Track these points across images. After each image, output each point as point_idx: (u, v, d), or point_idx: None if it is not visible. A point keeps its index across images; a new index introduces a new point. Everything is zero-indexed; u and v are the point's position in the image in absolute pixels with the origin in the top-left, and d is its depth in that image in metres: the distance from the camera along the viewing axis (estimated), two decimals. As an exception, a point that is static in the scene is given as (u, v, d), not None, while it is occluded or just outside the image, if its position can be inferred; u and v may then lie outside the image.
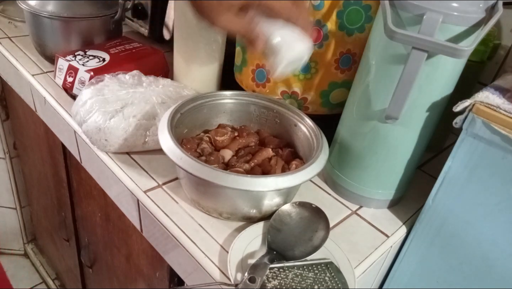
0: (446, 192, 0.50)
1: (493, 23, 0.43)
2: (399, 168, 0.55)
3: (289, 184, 0.47)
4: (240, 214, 0.52)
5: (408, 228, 0.57)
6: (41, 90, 0.75)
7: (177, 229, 0.51)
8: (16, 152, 1.26)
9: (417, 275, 0.58)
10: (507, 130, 0.43)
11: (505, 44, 0.72)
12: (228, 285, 0.44)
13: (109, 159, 0.60)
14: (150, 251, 0.68)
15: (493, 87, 0.48)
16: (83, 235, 1.02)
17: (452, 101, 0.48)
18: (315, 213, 0.52)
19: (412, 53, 0.44)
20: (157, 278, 0.71)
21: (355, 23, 0.58)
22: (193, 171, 0.46)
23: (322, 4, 0.57)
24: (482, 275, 0.51)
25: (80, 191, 0.90)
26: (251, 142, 0.61)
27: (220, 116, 0.63)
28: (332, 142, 0.60)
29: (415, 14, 0.44)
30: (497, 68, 0.74)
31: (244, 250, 0.48)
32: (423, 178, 0.67)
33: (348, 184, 0.58)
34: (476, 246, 0.50)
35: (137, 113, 0.60)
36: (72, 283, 1.30)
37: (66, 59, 0.71)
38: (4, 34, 0.91)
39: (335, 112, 0.64)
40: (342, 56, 0.60)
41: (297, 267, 0.46)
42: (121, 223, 0.75)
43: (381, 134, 0.52)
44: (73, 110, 0.64)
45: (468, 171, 0.47)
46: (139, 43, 0.80)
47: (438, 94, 0.49)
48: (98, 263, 1.00)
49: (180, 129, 0.57)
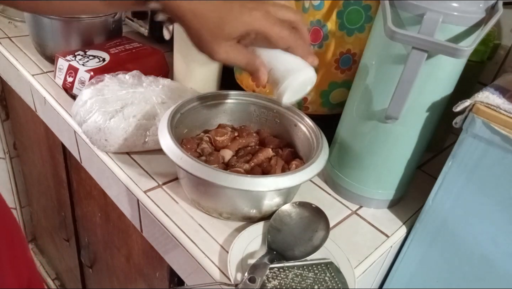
0: (446, 192, 0.50)
1: (493, 23, 0.43)
2: (399, 168, 0.55)
3: (289, 184, 0.47)
4: (240, 214, 0.52)
5: (408, 228, 0.57)
6: (41, 90, 0.75)
7: (177, 229, 0.51)
8: (16, 152, 1.26)
9: (417, 275, 0.58)
10: (507, 130, 0.43)
11: (505, 44, 0.72)
12: (228, 285, 0.44)
13: (109, 159, 0.60)
14: (150, 251, 0.68)
15: (493, 87, 0.48)
16: (83, 235, 1.02)
17: (452, 101, 0.48)
18: (315, 213, 0.52)
19: (412, 53, 0.44)
20: (157, 278, 0.71)
21: (355, 23, 0.58)
22: (193, 171, 0.46)
23: (322, 4, 0.57)
24: (482, 275, 0.51)
25: (80, 191, 0.90)
26: (251, 142, 0.61)
27: (220, 116, 0.63)
28: (332, 143, 0.60)
29: (415, 14, 0.44)
30: (497, 68, 0.74)
31: (244, 250, 0.48)
32: (423, 178, 0.67)
33: (348, 184, 0.58)
34: (476, 246, 0.50)
35: (137, 113, 0.60)
36: (72, 283, 1.30)
37: (66, 59, 0.71)
38: (4, 34, 0.91)
39: (335, 112, 0.64)
40: (342, 56, 0.60)
41: (297, 267, 0.46)
42: (121, 223, 0.75)
43: (381, 135, 0.52)
44: (73, 110, 0.64)
45: (468, 171, 0.47)
46: (139, 43, 0.80)
47: (438, 94, 0.49)
48: (98, 263, 1.00)
49: (180, 129, 0.57)
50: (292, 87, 0.44)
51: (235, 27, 0.41)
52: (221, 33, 0.41)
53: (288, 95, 0.44)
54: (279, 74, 0.44)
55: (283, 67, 0.44)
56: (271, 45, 0.43)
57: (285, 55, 0.44)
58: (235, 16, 0.41)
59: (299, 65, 0.44)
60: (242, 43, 0.43)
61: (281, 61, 0.44)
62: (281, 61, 0.44)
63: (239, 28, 0.41)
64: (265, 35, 0.42)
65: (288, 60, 0.44)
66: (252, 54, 0.44)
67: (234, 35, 0.41)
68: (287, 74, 0.43)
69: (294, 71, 0.44)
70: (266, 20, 0.41)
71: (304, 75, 0.44)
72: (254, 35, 0.42)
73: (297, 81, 0.44)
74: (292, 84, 0.44)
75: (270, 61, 0.44)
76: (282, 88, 0.44)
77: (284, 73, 0.44)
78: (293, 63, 0.44)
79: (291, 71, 0.44)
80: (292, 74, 0.43)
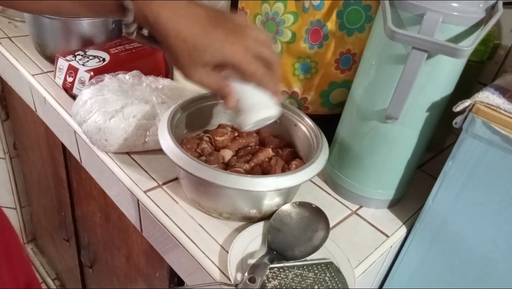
0: (446, 192, 0.50)
1: (493, 23, 0.43)
2: (399, 168, 0.55)
3: (289, 184, 0.47)
4: (240, 214, 0.52)
5: (408, 228, 0.57)
6: (41, 90, 0.75)
7: (177, 229, 0.51)
8: (16, 152, 1.26)
9: (417, 275, 0.58)
10: (507, 130, 0.43)
11: (505, 44, 0.72)
12: (228, 285, 0.44)
13: (109, 159, 0.60)
14: (150, 251, 0.68)
15: (493, 87, 0.48)
16: (83, 235, 1.02)
17: (452, 101, 0.48)
18: (315, 213, 0.52)
19: (412, 53, 0.44)
20: (157, 278, 0.71)
21: (355, 23, 0.58)
22: (193, 171, 0.46)
23: (322, 4, 0.57)
24: (482, 275, 0.51)
25: (80, 191, 0.90)
26: (251, 142, 0.61)
27: (220, 116, 0.63)
28: (332, 143, 0.60)
29: (415, 14, 0.44)
30: (497, 68, 0.74)
31: (244, 250, 0.48)
32: (423, 178, 0.67)
33: (348, 184, 0.58)
34: (476, 246, 0.50)
35: (137, 113, 0.60)
36: (72, 283, 1.30)
37: (66, 59, 0.71)
38: (4, 34, 0.91)
39: (335, 112, 0.64)
40: (342, 56, 0.60)
41: (297, 267, 0.46)
42: (121, 223, 0.75)
43: (381, 135, 0.52)
44: (73, 110, 0.64)
45: (468, 171, 0.47)
46: (139, 43, 0.80)
47: (438, 94, 0.49)
48: (98, 263, 1.00)
49: (180, 129, 0.57)
50: (255, 121, 0.47)
51: (214, 56, 0.43)
52: (199, 59, 0.43)
53: (249, 127, 0.48)
54: (246, 106, 0.47)
55: (251, 101, 0.47)
56: (244, 78, 0.45)
57: (254, 90, 0.46)
58: (216, 47, 0.42)
59: (266, 103, 0.47)
60: (217, 71, 0.45)
61: (250, 95, 0.46)
62: (250, 95, 0.46)
63: (217, 58, 0.43)
64: (239, 68, 0.44)
65: (257, 95, 0.47)
66: (223, 81, 0.46)
67: (210, 63, 0.43)
68: (253, 109, 0.47)
69: (260, 107, 0.47)
70: (244, 56, 0.43)
71: (268, 113, 0.47)
72: (231, 66, 0.44)
73: (259, 117, 0.47)
74: (256, 118, 0.47)
75: (240, 92, 0.46)
76: (245, 120, 0.47)
77: (251, 107, 0.47)
78: (261, 99, 0.47)
79: (257, 107, 0.47)
80: (258, 111, 0.47)
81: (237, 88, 0.46)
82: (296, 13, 0.60)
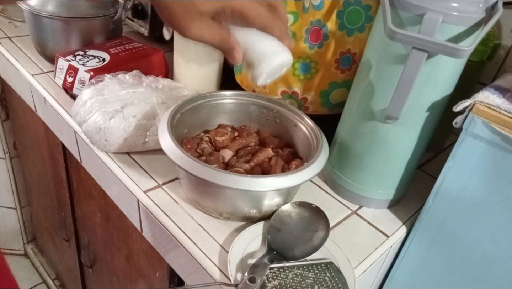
0: (446, 192, 0.50)
1: (493, 23, 0.43)
2: (399, 168, 0.55)
3: (289, 184, 0.47)
4: (240, 214, 0.52)
5: (408, 228, 0.57)
6: (41, 90, 0.75)
7: (177, 229, 0.51)
8: (16, 152, 1.26)
9: (417, 275, 0.58)
10: (507, 130, 0.43)
11: (505, 44, 0.72)
12: (228, 285, 0.44)
13: (109, 159, 0.60)
14: (150, 251, 0.68)
15: (493, 87, 0.48)
16: (83, 235, 1.02)
17: (452, 101, 0.48)
18: (315, 213, 0.52)
19: (412, 53, 0.44)
20: (157, 278, 0.71)
21: (355, 23, 0.58)
22: (193, 171, 0.46)
23: (322, 4, 0.57)
24: (482, 275, 0.51)
25: (80, 191, 0.90)
26: (251, 142, 0.61)
27: (220, 116, 0.63)
28: (332, 143, 0.60)
29: (415, 14, 0.44)
30: (497, 68, 0.74)
31: (244, 250, 0.48)
32: (423, 178, 0.67)
33: (348, 184, 0.58)
34: (476, 246, 0.50)
35: (137, 113, 0.60)
36: (72, 283, 1.30)
37: (66, 59, 0.71)
38: (4, 34, 0.91)
39: (335, 112, 0.64)
40: (342, 56, 0.60)
41: (297, 267, 0.46)
42: (121, 223, 0.75)
43: (381, 135, 0.52)
44: (73, 110, 0.64)
45: (468, 171, 0.47)
46: (139, 43, 0.80)
47: (438, 94, 0.49)
48: (98, 263, 1.00)
49: (180, 129, 0.57)
50: (268, 71, 0.43)
51: (209, 2, 0.38)
52: (195, 9, 0.38)
53: (263, 78, 0.43)
54: (255, 56, 0.42)
55: (259, 49, 0.42)
56: (247, 24, 0.40)
57: (261, 36, 0.41)
58: None
59: (276, 48, 0.42)
60: (217, 20, 0.40)
61: (257, 42, 0.42)
62: (257, 43, 0.42)
63: (214, 4, 0.39)
64: (241, 12, 0.39)
65: (265, 41, 0.42)
66: (226, 32, 0.41)
67: (208, 11, 0.39)
68: (263, 57, 0.42)
69: (270, 54, 0.42)
70: None
71: (280, 59, 0.43)
72: (230, 12, 0.40)
73: (273, 64, 0.42)
74: (268, 67, 0.42)
75: (245, 42, 0.41)
76: (258, 71, 0.43)
77: (260, 56, 0.42)
78: (270, 45, 0.42)
79: (267, 54, 0.42)
80: (269, 58, 0.42)
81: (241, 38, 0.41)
82: (296, 13, 0.60)
